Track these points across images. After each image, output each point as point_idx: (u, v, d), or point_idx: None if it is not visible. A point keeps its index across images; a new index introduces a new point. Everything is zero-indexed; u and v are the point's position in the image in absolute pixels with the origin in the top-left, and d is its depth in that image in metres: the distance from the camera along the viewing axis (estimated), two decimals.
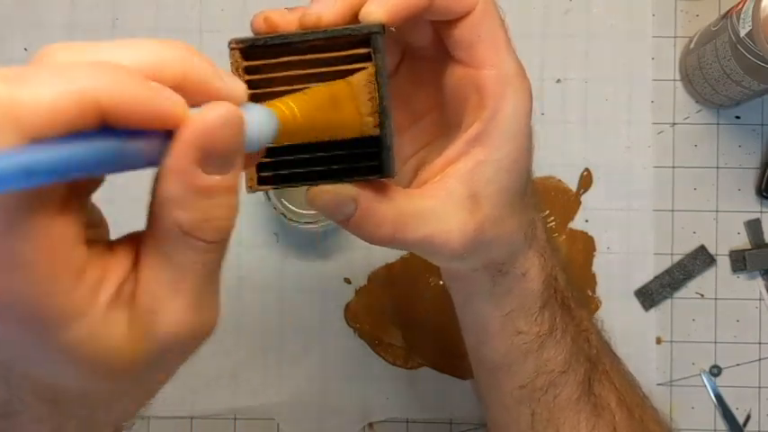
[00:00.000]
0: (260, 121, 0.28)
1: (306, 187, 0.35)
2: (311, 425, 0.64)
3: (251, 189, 0.35)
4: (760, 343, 0.64)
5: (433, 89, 0.42)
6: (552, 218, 0.65)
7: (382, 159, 0.35)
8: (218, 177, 0.26)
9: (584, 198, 0.65)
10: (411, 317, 0.65)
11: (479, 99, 0.38)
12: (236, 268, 0.64)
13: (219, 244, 0.27)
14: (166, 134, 0.25)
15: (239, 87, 0.27)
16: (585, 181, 0.65)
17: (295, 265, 0.65)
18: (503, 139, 0.38)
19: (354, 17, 0.35)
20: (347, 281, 0.65)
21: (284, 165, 0.35)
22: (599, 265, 0.65)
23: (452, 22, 0.37)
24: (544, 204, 0.65)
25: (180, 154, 0.25)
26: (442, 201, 0.38)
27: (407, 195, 0.38)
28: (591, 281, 0.65)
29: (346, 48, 0.34)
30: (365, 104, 0.33)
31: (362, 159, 0.35)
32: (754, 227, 0.64)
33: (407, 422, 0.65)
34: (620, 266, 0.65)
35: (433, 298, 0.64)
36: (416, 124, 0.43)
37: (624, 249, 0.65)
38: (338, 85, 0.33)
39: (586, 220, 0.65)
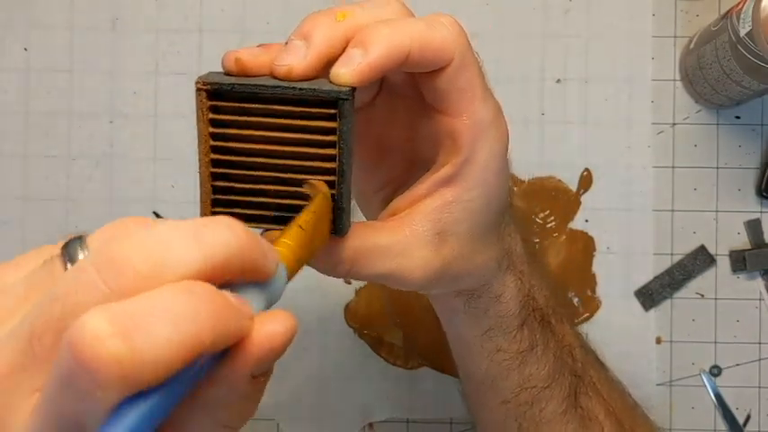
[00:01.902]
0: (282, 283, 0.29)
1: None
2: (311, 425, 0.64)
3: None
4: (760, 343, 0.64)
5: (406, 125, 0.41)
6: (552, 218, 0.65)
7: (335, 219, 0.35)
8: (262, 379, 0.26)
9: (584, 198, 0.65)
10: (411, 317, 0.65)
11: (453, 144, 0.38)
12: None
13: (239, 428, 0.27)
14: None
15: (276, 258, 0.28)
16: (585, 181, 0.65)
17: None
18: (474, 182, 0.38)
19: (327, 68, 0.34)
20: (347, 281, 0.65)
21: (240, 204, 0.35)
22: (599, 265, 0.65)
23: (429, 73, 0.37)
24: (544, 204, 0.65)
25: (241, 366, 0.25)
26: (404, 237, 0.38)
27: (366, 230, 0.37)
28: (591, 281, 0.65)
29: (314, 104, 0.34)
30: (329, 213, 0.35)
31: None
32: (754, 227, 0.64)
33: (407, 422, 0.65)
34: (620, 266, 0.65)
35: None
36: (388, 157, 0.43)
37: (624, 249, 0.65)
38: (320, 201, 0.33)
39: (586, 220, 0.65)
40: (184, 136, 0.65)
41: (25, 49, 0.66)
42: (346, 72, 0.34)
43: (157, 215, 0.65)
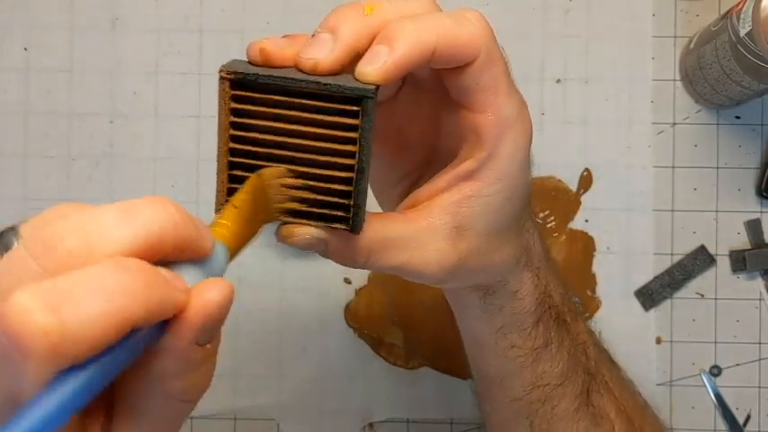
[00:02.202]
0: (222, 260, 0.29)
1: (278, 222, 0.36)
2: (311, 425, 0.64)
3: (218, 212, 0.35)
4: (760, 343, 0.64)
5: (429, 119, 0.41)
6: (552, 218, 0.65)
7: (352, 215, 0.35)
8: (208, 347, 0.27)
9: (584, 198, 0.65)
10: (411, 317, 0.65)
11: (476, 140, 0.38)
12: (237, 268, 0.64)
13: (197, 400, 0.28)
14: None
15: (211, 236, 0.28)
16: (585, 181, 0.65)
17: (295, 265, 0.65)
18: (496, 177, 0.38)
19: (353, 62, 0.34)
20: (347, 281, 0.65)
21: None
22: (599, 265, 0.65)
23: (454, 69, 0.36)
24: (544, 204, 0.65)
25: (182, 335, 0.26)
26: (421, 229, 0.38)
27: (383, 221, 0.37)
28: (591, 281, 0.65)
29: (338, 100, 0.33)
30: (276, 194, 0.34)
31: (332, 206, 0.35)
32: (754, 227, 0.64)
33: (407, 422, 0.65)
34: (620, 266, 0.65)
35: (433, 298, 0.64)
36: (408, 150, 0.42)
37: (624, 249, 0.65)
38: (252, 183, 0.33)
39: (586, 220, 0.65)
40: (184, 136, 0.65)
41: (25, 49, 0.66)
42: (372, 70, 0.33)
43: None
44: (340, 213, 0.35)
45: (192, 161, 0.65)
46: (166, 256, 0.26)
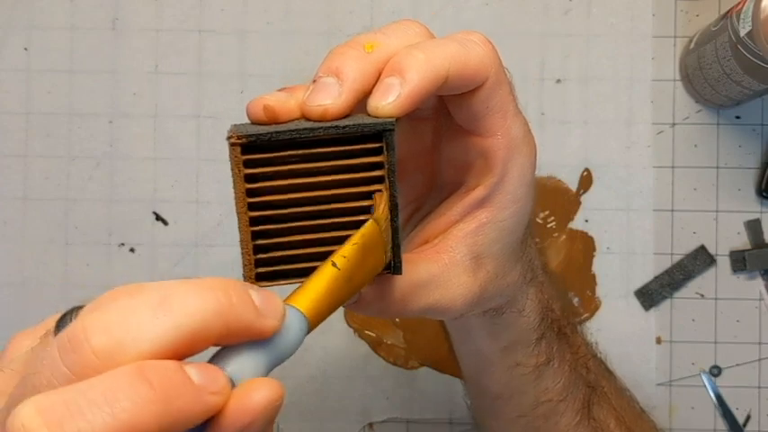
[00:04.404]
0: (293, 336, 0.27)
1: None
2: (311, 425, 0.64)
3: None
4: (760, 343, 0.64)
5: (429, 147, 0.40)
6: (552, 218, 0.65)
7: (393, 256, 0.33)
8: None
9: (584, 198, 0.65)
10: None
11: (485, 164, 0.37)
12: (237, 268, 0.64)
13: None
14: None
15: (277, 313, 0.26)
16: (585, 181, 0.65)
17: None
18: (508, 201, 0.37)
19: (360, 104, 0.33)
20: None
21: (283, 260, 0.33)
22: (599, 265, 0.65)
23: (462, 94, 0.35)
24: (544, 204, 0.65)
25: None
26: (444, 266, 0.37)
27: (408, 264, 0.36)
28: (591, 281, 0.65)
29: (357, 140, 0.32)
30: (388, 234, 0.31)
31: None
32: (754, 227, 0.64)
33: (407, 422, 0.65)
34: (620, 266, 0.65)
35: None
36: (408, 178, 0.41)
37: (624, 249, 0.65)
38: (368, 231, 0.30)
39: (586, 220, 0.65)
40: (184, 136, 0.65)
41: (25, 49, 0.66)
42: (386, 104, 0.32)
43: (157, 215, 0.65)
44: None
45: (192, 161, 0.65)
46: (218, 342, 0.24)
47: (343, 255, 0.29)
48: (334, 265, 0.29)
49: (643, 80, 0.65)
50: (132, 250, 0.65)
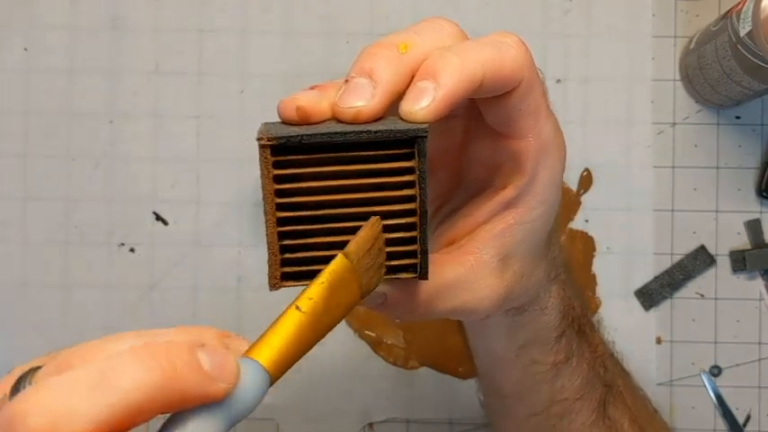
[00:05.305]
0: (251, 395, 0.26)
1: None
2: (311, 425, 0.64)
3: (274, 287, 0.33)
4: (760, 343, 0.64)
5: (457, 146, 0.40)
6: None
7: (420, 261, 0.33)
8: None
9: (584, 198, 0.65)
10: None
11: (515, 166, 0.36)
12: (237, 268, 0.64)
13: None
14: None
15: (229, 376, 0.25)
16: (585, 181, 0.65)
17: None
18: (537, 202, 0.37)
19: (393, 106, 0.32)
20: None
21: (309, 260, 0.33)
22: (599, 265, 0.65)
23: (495, 97, 0.35)
24: None
25: None
26: (471, 268, 0.37)
27: (435, 266, 0.35)
28: (591, 281, 0.65)
29: (389, 145, 0.31)
30: (366, 271, 0.31)
31: (394, 256, 0.33)
32: (754, 227, 0.64)
33: (407, 422, 0.65)
34: (620, 266, 0.65)
35: None
36: (433, 176, 0.40)
37: (624, 249, 0.65)
38: (337, 267, 0.29)
39: (586, 220, 0.65)
40: (184, 136, 0.65)
41: (25, 49, 0.66)
42: (420, 109, 0.31)
43: (157, 215, 0.65)
44: (405, 262, 0.33)
45: (192, 161, 0.65)
46: (166, 411, 0.24)
47: (309, 296, 0.28)
48: (297, 308, 0.28)
49: (643, 80, 0.65)
50: (132, 250, 0.65)
